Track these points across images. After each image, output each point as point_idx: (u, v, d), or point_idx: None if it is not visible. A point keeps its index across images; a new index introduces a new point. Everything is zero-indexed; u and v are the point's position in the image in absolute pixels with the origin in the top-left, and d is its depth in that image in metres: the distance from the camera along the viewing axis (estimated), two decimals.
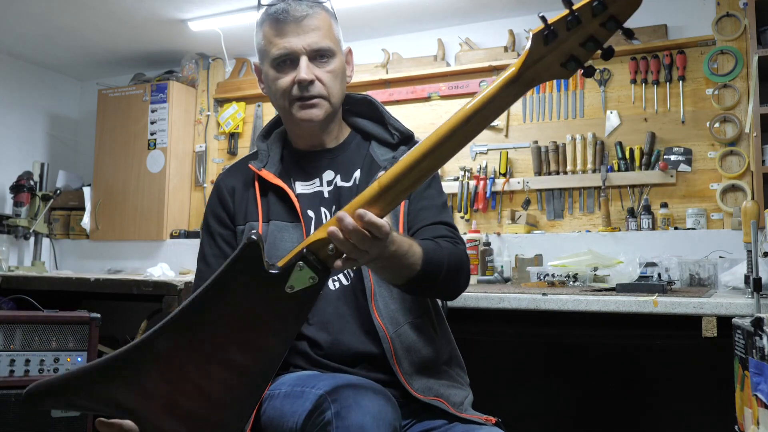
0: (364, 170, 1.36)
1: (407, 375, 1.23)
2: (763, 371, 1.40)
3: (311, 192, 1.37)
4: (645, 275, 2.30)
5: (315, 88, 1.30)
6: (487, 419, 1.26)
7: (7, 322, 2.39)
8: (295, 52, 1.29)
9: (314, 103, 1.31)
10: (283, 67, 1.31)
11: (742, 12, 2.97)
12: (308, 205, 1.35)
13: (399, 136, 1.39)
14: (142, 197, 4.08)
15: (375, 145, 1.40)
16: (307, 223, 1.33)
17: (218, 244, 1.41)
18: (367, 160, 1.37)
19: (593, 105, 3.32)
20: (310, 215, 1.34)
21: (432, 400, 1.22)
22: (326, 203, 1.35)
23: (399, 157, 1.33)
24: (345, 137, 1.43)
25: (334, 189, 1.36)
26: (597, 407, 2.68)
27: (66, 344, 2.47)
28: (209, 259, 1.41)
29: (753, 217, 1.81)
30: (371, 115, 1.44)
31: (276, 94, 1.34)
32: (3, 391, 2.32)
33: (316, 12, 1.31)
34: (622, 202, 3.18)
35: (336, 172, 1.38)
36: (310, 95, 1.30)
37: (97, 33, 3.88)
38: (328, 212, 1.34)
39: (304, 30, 1.29)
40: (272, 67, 1.32)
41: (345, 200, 1.33)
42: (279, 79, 1.32)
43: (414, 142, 1.38)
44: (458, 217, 3.46)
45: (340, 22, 1.45)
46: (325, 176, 1.38)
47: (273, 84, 1.33)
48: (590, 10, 0.85)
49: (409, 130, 1.41)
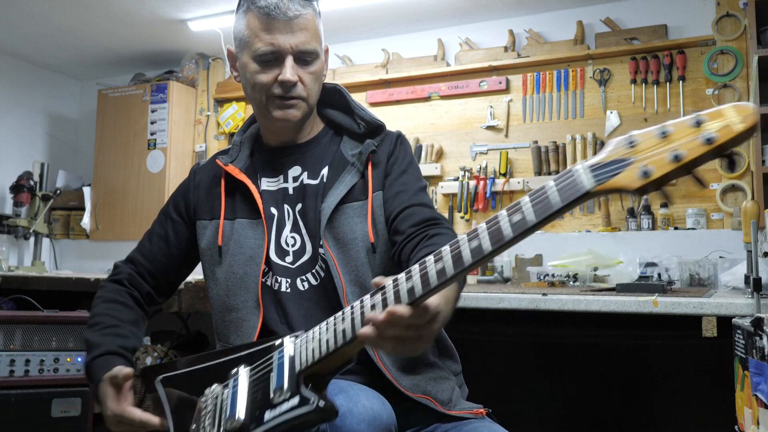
0: (333, 167, 1.32)
1: (392, 372, 1.21)
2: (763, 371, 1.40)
3: (275, 189, 1.34)
4: (645, 275, 2.30)
5: (297, 89, 1.28)
6: (477, 412, 1.24)
7: (7, 322, 2.39)
8: (282, 50, 1.26)
9: (293, 103, 1.29)
10: (266, 64, 1.27)
11: (742, 12, 2.97)
12: (272, 202, 1.33)
13: (365, 126, 1.35)
14: (142, 197, 4.08)
15: (346, 140, 1.37)
16: (269, 221, 1.30)
17: (165, 228, 1.41)
18: (336, 157, 1.34)
19: (593, 105, 3.32)
20: (273, 212, 1.32)
21: (420, 398, 1.21)
22: (290, 200, 1.32)
23: (365, 151, 1.30)
24: (317, 132, 1.39)
25: (299, 186, 1.33)
26: (597, 407, 2.67)
27: (66, 344, 2.47)
28: (153, 238, 1.43)
29: (753, 217, 1.81)
30: (342, 106, 1.40)
31: (254, 87, 1.30)
32: (3, 391, 2.32)
33: (307, 12, 1.27)
34: (622, 202, 3.18)
35: (303, 168, 1.34)
36: (290, 96, 1.28)
37: (97, 33, 3.88)
38: (292, 210, 1.31)
39: (293, 29, 1.26)
40: (254, 60, 1.28)
41: (310, 198, 1.30)
42: (260, 74, 1.28)
43: (384, 133, 1.34)
44: (458, 217, 3.46)
45: (340, 22, 1.44)
46: (291, 172, 1.35)
47: (252, 77, 1.29)
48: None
49: (377, 120, 1.35)
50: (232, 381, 1.07)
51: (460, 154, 3.57)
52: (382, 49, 3.78)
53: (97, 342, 1.28)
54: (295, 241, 1.30)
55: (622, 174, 0.68)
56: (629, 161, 0.68)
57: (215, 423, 1.05)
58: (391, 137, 1.35)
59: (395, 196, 1.28)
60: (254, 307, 1.27)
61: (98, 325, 1.32)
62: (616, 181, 0.68)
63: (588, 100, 3.33)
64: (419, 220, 1.23)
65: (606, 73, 3.29)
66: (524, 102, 3.45)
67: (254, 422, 0.98)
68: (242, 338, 1.26)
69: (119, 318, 1.34)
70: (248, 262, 1.29)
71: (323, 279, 1.27)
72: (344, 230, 1.26)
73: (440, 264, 0.82)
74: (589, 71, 3.33)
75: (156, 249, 1.42)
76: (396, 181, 1.30)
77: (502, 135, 3.49)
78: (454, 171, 3.53)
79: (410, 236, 1.21)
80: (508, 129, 3.49)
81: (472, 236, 0.80)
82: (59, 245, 4.44)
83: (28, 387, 2.38)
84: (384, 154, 1.32)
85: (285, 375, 0.99)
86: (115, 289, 1.40)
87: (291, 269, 1.28)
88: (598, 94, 3.30)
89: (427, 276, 0.84)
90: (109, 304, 1.36)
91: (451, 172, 3.55)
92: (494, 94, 3.53)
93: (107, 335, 1.29)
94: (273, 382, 0.99)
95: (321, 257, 1.27)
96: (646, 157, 0.67)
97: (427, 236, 1.19)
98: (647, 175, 0.66)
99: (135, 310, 1.39)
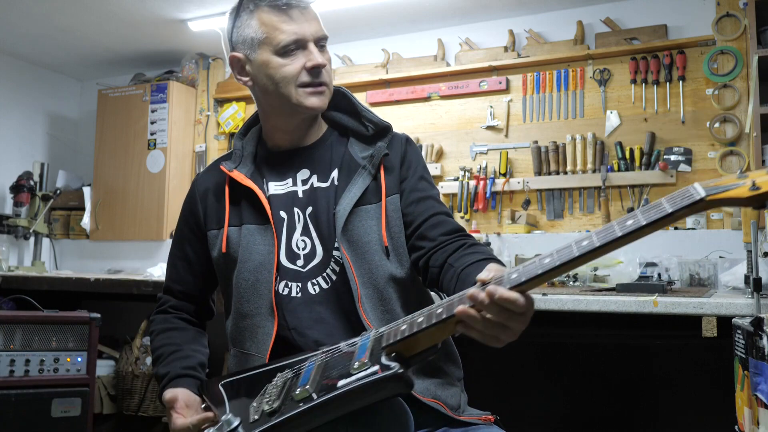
0: (343, 170, 1.32)
1: None
2: (763, 371, 1.40)
3: (284, 192, 1.33)
4: (645, 275, 2.30)
5: (324, 75, 1.29)
6: (486, 419, 1.25)
7: (7, 322, 2.39)
8: (305, 37, 1.27)
9: (322, 90, 1.29)
10: (290, 55, 1.27)
11: (742, 12, 2.97)
12: (281, 206, 1.32)
13: (374, 128, 1.35)
14: (142, 197, 4.08)
15: (353, 142, 1.36)
16: (278, 226, 1.30)
17: (183, 249, 1.41)
18: (345, 159, 1.34)
19: (593, 105, 3.32)
20: (282, 216, 1.31)
21: (431, 402, 1.21)
22: (300, 204, 1.31)
23: (377, 154, 1.30)
24: (322, 134, 1.39)
25: (309, 189, 1.32)
26: (597, 407, 2.67)
27: (66, 344, 2.47)
28: (175, 262, 1.42)
29: (753, 217, 1.81)
30: (347, 108, 1.40)
31: (280, 82, 1.28)
32: (3, 391, 2.33)
33: (314, 1, 1.32)
34: (622, 202, 3.18)
35: (312, 171, 1.34)
36: (320, 81, 1.28)
37: (97, 33, 3.88)
38: (302, 213, 1.31)
39: (309, 18, 1.28)
40: (277, 54, 1.27)
41: (322, 202, 1.30)
42: (286, 66, 1.27)
43: (391, 134, 1.35)
44: (458, 217, 3.46)
45: (340, 22, 1.45)
46: (300, 175, 1.34)
47: (276, 72, 1.28)
48: None
49: (384, 122, 1.36)
50: (306, 364, 1.07)
51: (460, 154, 3.57)
52: (382, 49, 3.78)
53: (164, 372, 1.32)
54: (306, 244, 1.29)
55: (735, 190, 0.80)
56: (742, 181, 0.80)
57: (280, 394, 1.03)
58: (400, 140, 1.36)
59: (418, 202, 1.30)
60: (268, 313, 1.26)
61: (161, 357, 1.35)
62: (728, 193, 0.80)
63: (588, 100, 3.33)
64: (450, 229, 1.26)
65: (606, 73, 3.29)
66: (524, 102, 3.45)
67: (324, 390, 0.97)
68: (257, 344, 1.26)
69: (176, 343, 1.36)
70: (259, 269, 1.28)
71: (335, 282, 1.27)
72: (359, 233, 1.26)
73: (547, 258, 0.89)
74: (589, 71, 3.33)
75: (182, 272, 1.43)
76: (417, 186, 1.32)
77: (502, 135, 3.49)
78: (454, 171, 3.53)
79: (442, 244, 1.23)
80: (508, 129, 3.49)
81: (580, 238, 0.88)
82: (59, 245, 4.45)
83: (28, 387, 2.38)
84: (396, 157, 1.33)
85: (368, 351, 0.98)
86: (163, 319, 1.43)
87: (302, 273, 1.28)
88: (598, 94, 3.30)
89: (530, 267, 0.89)
90: (164, 335, 1.39)
91: (451, 172, 3.56)
92: (494, 94, 3.53)
93: (170, 362, 1.33)
94: (354, 357, 0.99)
95: (334, 260, 1.27)
96: (756, 175, 0.79)
97: (465, 245, 1.22)
98: (756, 188, 0.78)
99: (188, 329, 1.42)
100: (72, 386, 2.45)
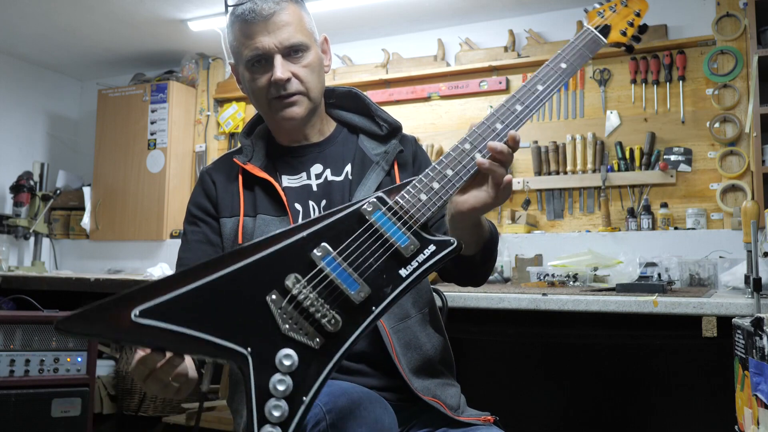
0: (356, 164, 1.34)
1: (407, 373, 1.22)
2: (763, 371, 1.40)
3: (298, 185, 1.35)
4: (645, 275, 2.30)
5: (292, 85, 1.28)
6: (485, 419, 1.25)
7: (7, 322, 2.39)
8: (268, 51, 1.26)
9: (293, 101, 1.29)
10: (257, 68, 1.28)
11: (742, 12, 2.97)
12: (295, 198, 1.33)
13: (388, 128, 1.37)
14: (142, 197, 4.08)
15: (364, 138, 1.38)
16: (294, 217, 1.30)
17: (202, 230, 1.37)
18: (358, 154, 1.35)
19: (593, 105, 3.32)
20: (298, 208, 1.32)
21: (431, 401, 1.22)
22: (315, 197, 1.33)
23: (391, 151, 1.32)
24: (331, 131, 1.40)
25: (323, 183, 1.34)
26: (597, 407, 2.67)
27: (66, 344, 2.47)
28: (192, 245, 1.35)
29: (753, 217, 1.81)
30: (357, 108, 1.41)
31: (254, 95, 1.31)
32: (3, 391, 2.32)
33: (284, 7, 1.27)
34: (622, 202, 3.18)
35: (325, 165, 1.36)
36: (288, 93, 1.28)
37: (97, 33, 3.88)
38: (317, 206, 1.32)
39: (274, 27, 1.26)
40: (246, 69, 1.29)
41: (336, 195, 1.31)
42: (255, 80, 1.29)
43: (402, 134, 1.37)
44: None
45: (340, 22, 1.44)
46: (313, 170, 1.35)
47: (250, 86, 1.31)
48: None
49: (396, 121, 1.38)
50: (324, 261, 0.94)
51: None
52: (382, 49, 3.78)
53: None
54: None
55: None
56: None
57: (334, 302, 0.93)
58: (410, 140, 1.40)
59: None
60: None
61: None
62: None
63: (588, 100, 3.33)
64: None
65: (606, 73, 3.29)
66: None
67: (388, 284, 0.95)
68: None
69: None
70: None
71: None
72: None
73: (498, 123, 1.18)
74: (589, 71, 3.33)
75: (200, 254, 1.33)
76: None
77: None
78: None
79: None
80: None
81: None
82: (59, 245, 4.45)
83: (28, 387, 2.38)
84: (409, 155, 1.36)
85: (403, 232, 0.98)
86: None
87: None
88: (598, 94, 3.30)
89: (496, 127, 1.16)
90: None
91: None
92: (494, 94, 3.53)
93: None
94: (398, 242, 0.96)
95: None
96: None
97: None
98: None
99: None
100: (72, 386, 2.45)
